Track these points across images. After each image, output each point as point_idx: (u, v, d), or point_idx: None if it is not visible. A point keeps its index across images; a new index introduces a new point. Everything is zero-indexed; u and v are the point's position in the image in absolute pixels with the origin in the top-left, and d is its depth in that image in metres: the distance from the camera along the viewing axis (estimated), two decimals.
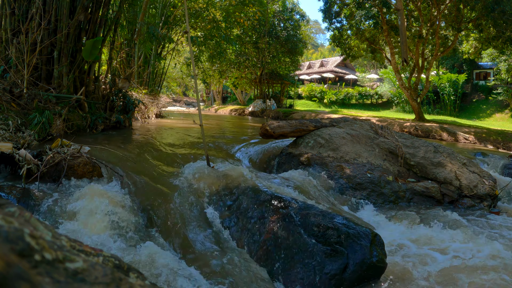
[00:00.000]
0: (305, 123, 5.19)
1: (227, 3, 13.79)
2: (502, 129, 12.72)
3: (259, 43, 20.32)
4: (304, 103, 29.42)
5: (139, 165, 3.75)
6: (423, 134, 11.32)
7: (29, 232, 0.51)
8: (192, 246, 2.50)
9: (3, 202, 0.60)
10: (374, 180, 4.10)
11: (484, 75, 25.82)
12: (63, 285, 0.47)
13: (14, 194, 2.54)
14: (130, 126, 6.78)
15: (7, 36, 5.05)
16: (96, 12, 5.76)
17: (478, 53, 16.61)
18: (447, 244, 2.79)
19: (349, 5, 14.38)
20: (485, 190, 4.08)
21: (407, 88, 14.32)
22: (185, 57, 23.41)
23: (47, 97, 4.86)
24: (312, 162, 4.45)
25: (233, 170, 3.52)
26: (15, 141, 3.53)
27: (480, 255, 2.57)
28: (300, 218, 2.46)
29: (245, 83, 25.43)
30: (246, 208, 2.83)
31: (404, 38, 9.30)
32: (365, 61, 40.01)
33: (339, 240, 2.24)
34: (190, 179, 3.32)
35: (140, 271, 0.75)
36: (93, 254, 0.65)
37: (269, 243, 2.44)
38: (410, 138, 5.02)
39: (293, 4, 23.12)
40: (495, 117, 21.61)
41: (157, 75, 13.11)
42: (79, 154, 3.15)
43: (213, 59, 16.35)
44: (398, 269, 2.38)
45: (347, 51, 16.49)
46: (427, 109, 23.28)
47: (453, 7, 13.25)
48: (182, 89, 43.14)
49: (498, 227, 3.34)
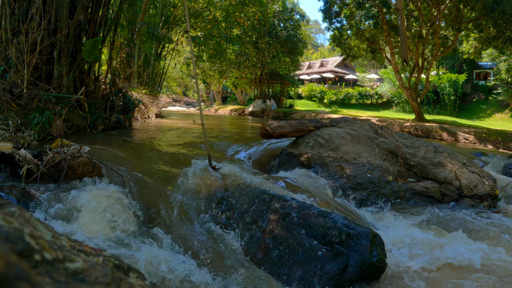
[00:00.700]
0: (305, 123, 5.19)
1: (227, 3, 13.80)
2: (502, 129, 12.73)
3: (259, 43, 20.33)
4: (304, 103, 29.42)
5: (139, 165, 3.75)
6: (423, 134, 11.32)
7: (29, 232, 0.51)
8: (192, 246, 2.50)
9: (3, 202, 0.60)
10: (374, 180, 4.10)
11: (484, 75, 25.82)
12: (63, 285, 0.47)
13: (14, 194, 2.54)
14: (130, 126, 6.78)
15: (7, 36, 5.06)
16: (96, 12, 5.77)
17: (478, 53, 16.61)
18: (447, 244, 2.79)
19: (349, 5, 14.39)
20: (485, 190, 4.08)
21: (407, 88, 14.32)
22: (185, 57, 23.41)
23: (47, 97, 4.86)
24: (312, 162, 4.45)
25: (233, 170, 3.52)
26: (15, 141, 3.53)
27: (480, 255, 2.57)
28: (300, 218, 2.46)
29: (245, 83, 25.44)
30: (246, 208, 2.83)
31: (404, 38, 9.30)
32: (365, 61, 40.01)
33: (339, 240, 2.24)
34: (190, 178, 3.32)
35: (140, 270, 0.75)
36: (93, 254, 0.65)
37: (269, 243, 2.43)
38: (410, 138, 5.02)
39: (293, 4, 23.13)
40: (495, 117, 21.61)
41: (157, 75, 13.11)
42: (79, 154, 3.15)
43: (212, 59, 16.35)
44: (398, 269, 2.38)
45: (347, 51, 16.50)
46: (427, 109, 23.28)
47: (453, 7, 13.25)
48: (182, 89, 43.14)
49: (498, 227, 3.34)
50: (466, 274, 2.32)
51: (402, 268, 2.39)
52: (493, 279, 2.21)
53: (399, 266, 2.43)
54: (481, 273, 2.29)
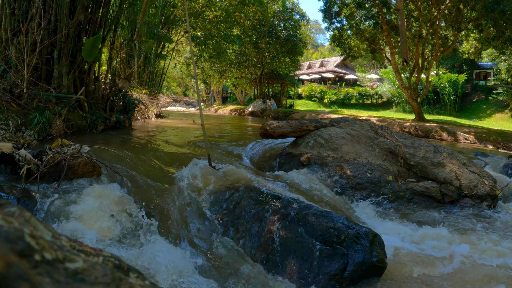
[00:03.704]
0: (305, 123, 5.19)
1: (227, 3, 13.79)
2: (502, 129, 12.72)
3: (259, 43, 20.32)
4: (304, 103, 29.42)
5: (139, 165, 3.75)
6: (423, 134, 11.32)
7: (29, 232, 0.51)
8: (192, 245, 2.50)
9: (3, 202, 0.60)
10: (374, 180, 4.10)
11: (484, 75, 25.81)
12: (63, 285, 0.47)
13: (14, 194, 2.54)
14: (130, 126, 6.78)
15: (7, 36, 5.06)
16: (96, 12, 5.77)
17: (478, 53, 16.62)
18: (447, 244, 2.79)
19: (349, 5, 14.39)
20: (485, 190, 4.08)
21: (407, 88, 14.32)
22: (185, 57, 23.41)
23: (47, 97, 4.86)
24: (312, 162, 4.45)
25: (233, 170, 3.52)
26: (15, 141, 3.53)
27: (480, 255, 2.57)
28: (300, 218, 2.46)
29: (245, 83, 25.43)
30: (246, 208, 2.83)
31: (404, 38, 9.31)
32: (365, 61, 40.00)
33: (339, 240, 2.24)
34: (190, 178, 3.32)
35: (140, 270, 0.75)
36: (93, 254, 0.65)
37: (269, 243, 2.43)
38: (410, 138, 5.02)
39: (293, 4, 23.12)
40: (495, 117, 21.61)
41: (157, 75, 13.10)
42: (79, 154, 3.15)
43: (212, 59, 16.35)
44: (398, 269, 2.38)
45: (347, 51, 16.50)
46: (427, 109, 23.28)
47: (453, 7, 13.25)
48: (182, 89, 43.11)
49: (498, 227, 3.34)
50: (466, 274, 2.32)
51: (402, 268, 2.39)
52: (494, 280, 2.21)
53: (399, 266, 2.43)
54: (482, 273, 2.29)
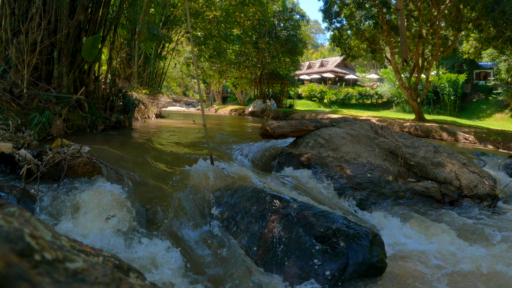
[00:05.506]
0: (305, 123, 5.19)
1: (227, 3, 13.79)
2: (502, 129, 12.72)
3: (259, 43, 20.32)
4: (304, 103, 29.42)
5: (139, 165, 3.75)
6: (423, 134, 11.32)
7: (29, 232, 0.51)
8: (193, 245, 2.49)
9: (3, 202, 0.60)
10: (374, 180, 4.10)
11: (484, 75, 25.82)
12: (63, 285, 0.47)
13: (14, 194, 2.54)
14: (130, 126, 6.78)
15: (7, 36, 5.05)
16: (96, 12, 5.76)
17: (478, 53, 16.62)
18: (447, 244, 2.79)
19: (349, 5, 14.39)
20: (485, 190, 4.08)
21: (407, 88, 14.32)
22: (185, 57, 23.41)
23: (47, 97, 4.86)
24: (312, 162, 4.45)
25: (233, 170, 3.52)
26: (15, 141, 3.53)
27: (480, 255, 2.57)
28: (300, 218, 2.46)
29: (245, 83, 25.43)
30: (246, 208, 2.83)
31: (404, 38, 9.30)
32: (365, 61, 40.00)
33: (339, 240, 2.24)
34: (190, 178, 3.32)
35: (140, 270, 0.75)
36: (93, 254, 0.65)
37: (269, 243, 2.43)
38: (410, 138, 5.02)
39: (293, 4, 23.12)
40: (495, 117, 21.61)
41: (157, 75, 13.10)
42: (79, 154, 3.15)
43: (212, 59, 16.34)
44: (398, 269, 2.38)
45: (347, 51, 16.50)
46: (427, 109, 23.28)
47: (453, 7, 13.24)
48: (182, 89, 43.12)
49: (498, 227, 3.34)
50: (466, 274, 2.32)
51: (402, 268, 2.39)
52: (494, 280, 2.21)
53: (399, 265, 2.43)
54: (482, 273, 2.29)
